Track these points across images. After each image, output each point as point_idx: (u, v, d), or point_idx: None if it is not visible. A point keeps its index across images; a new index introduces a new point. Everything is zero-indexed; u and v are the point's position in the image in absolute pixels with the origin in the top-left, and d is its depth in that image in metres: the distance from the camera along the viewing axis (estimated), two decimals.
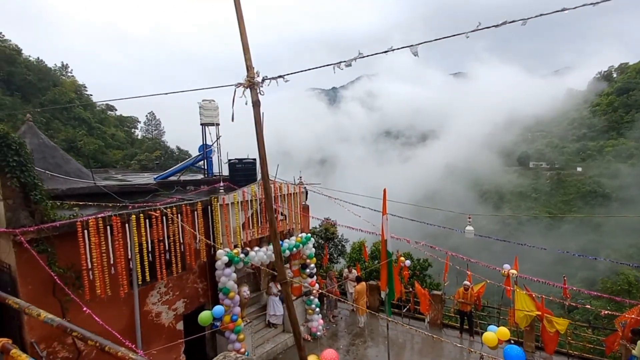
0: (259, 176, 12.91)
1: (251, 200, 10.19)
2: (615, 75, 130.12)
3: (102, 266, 7.03)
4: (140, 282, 7.85)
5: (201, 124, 13.68)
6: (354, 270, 13.27)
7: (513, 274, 10.74)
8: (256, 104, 1.28)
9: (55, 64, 53.08)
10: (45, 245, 6.23)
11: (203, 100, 13.56)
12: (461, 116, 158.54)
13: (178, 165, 14.53)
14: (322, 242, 21.22)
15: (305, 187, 12.39)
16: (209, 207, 9.47)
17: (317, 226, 23.99)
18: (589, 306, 14.22)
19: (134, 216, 7.61)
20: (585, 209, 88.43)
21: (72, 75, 55.01)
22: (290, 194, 11.57)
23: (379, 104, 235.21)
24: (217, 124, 13.65)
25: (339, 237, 32.17)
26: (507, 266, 10.91)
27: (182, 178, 13.22)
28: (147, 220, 7.88)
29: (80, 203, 8.46)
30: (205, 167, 14.53)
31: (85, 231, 6.78)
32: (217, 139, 13.25)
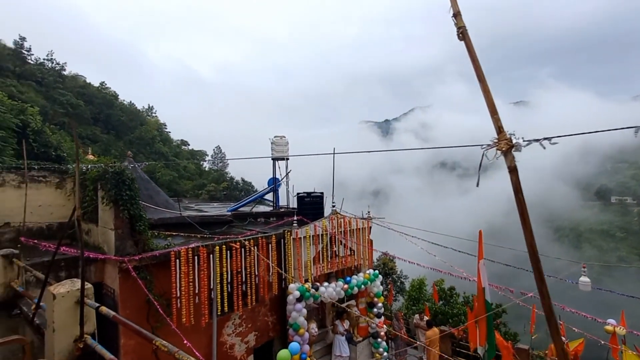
0: (326, 209, 13.06)
1: (322, 235, 10.23)
2: None
3: (189, 295, 7.41)
4: (219, 313, 8.10)
5: (272, 159, 14.39)
6: (425, 317, 12.37)
7: (620, 331, 9.21)
8: (513, 170, 1.25)
9: (142, 106, 61.05)
10: (145, 273, 6.76)
11: (275, 137, 14.35)
12: (527, 147, 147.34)
13: (248, 197, 15.28)
14: (381, 277, 20.37)
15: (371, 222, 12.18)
16: (282, 240, 9.68)
17: (375, 260, 23.21)
18: None
19: (217, 247, 8.02)
20: None
21: (156, 115, 62.60)
22: (359, 228, 11.43)
23: (433, 135, 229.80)
24: (287, 158, 14.26)
25: (398, 272, 30.75)
26: (612, 321, 9.41)
27: (253, 210, 13.81)
28: (228, 252, 8.25)
29: (170, 233, 9.17)
30: (274, 200, 15.09)
31: (177, 260, 7.27)
32: (287, 173, 13.77)
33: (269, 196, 15.57)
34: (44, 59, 48.68)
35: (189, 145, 65.05)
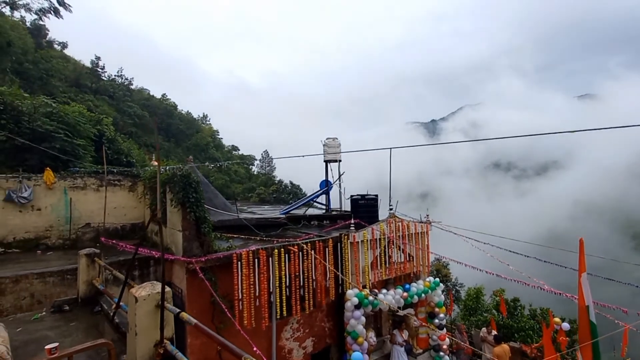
0: (381, 212, 12.61)
1: (379, 239, 9.82)
2: None
3: (250, 297, 7.43)
4: (278, 316, 8.05)
5: (324, 161, 14.27)
6: (493, 332, 11.34)
7: None
8: None
9: (198, 115, 64.94)
10: (210, 274, 6.88)
11: (327, 139, 14.22)
12: (593, 144, 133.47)
13: (300, 200, 15.29)
14: (442, 286, 19.31)
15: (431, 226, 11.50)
16: (339, 244, 9.43)
17: None
18: None
19: (276, 250, 7.98)
20: None
21: (210, 123, 66.54)
22: (417, 232, 10.84)
23: (485, 134, 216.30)
24: (340, 160, 14.05)
25: (453, 280, 29.07)
26: None
27: (306, 213, 13.76)
28: (286, 255, 8.19)
29: (229, 235, 9.35)
30: (326, 203, 14.94)
31: (239, 262, 7.32)
32: (340, 174, 13.55)
33: (321, 199, 15.46)
34: (115, 75, 53.72)
35: (239, 150, 68.02)
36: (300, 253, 8.48)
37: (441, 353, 10.55)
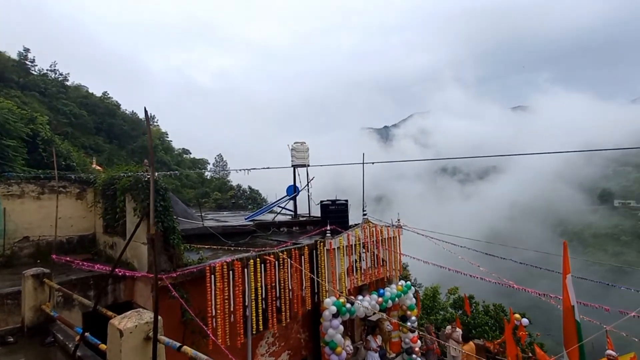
0: (351, 218, 12.53)
1: (355, 245, 9.68)
2: None
3: (224, 313, 6.84)
4: (254, 332, 7.52)
5: (292, 166, 13.90)
6: (457, 329, 11.70)
7: None
8: None
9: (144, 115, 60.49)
10: (182, 291, 6.20)
11: (295, 143, 13.87)
12: (527, 150, 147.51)
13: (267, 205, 14.73)
14: (414, 289, 19.74)
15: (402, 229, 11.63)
16: (314, 251, 9.12)
17: None
18: None
19: (252, 260, 7.47)
20: None
21: (157, 125, 62.07)
22: (390, 237, 10.89)
23: (433, 141, 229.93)
24: (308, 165, 13.76)
25: (412, 280, 30.00)
26: None
27: (275, 219, 13.26)
28: (262, 265, 7.70)
29: (195, 245, 8.60)
30: (294, 209, 14.54)
31: (212, 276, 6.71)
32: (310, 180, 13.26)
33: (289, 205, 15.03)
34: (47, 70, 48.48)
35: (190, 153, 64.56)
36: (277, 262, 8.04)
37: (414, 355, 10.65)
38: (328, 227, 9.24)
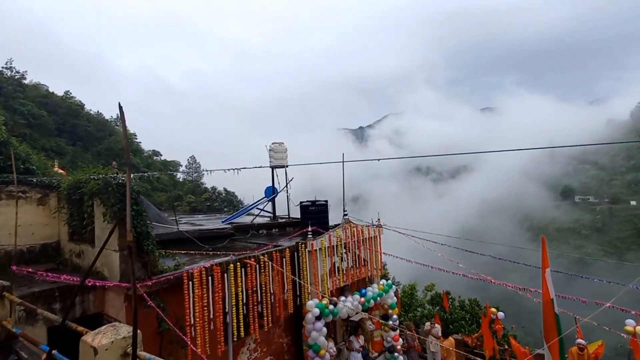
0: (331, 218, 12.47)
1: (336, 245, 9.60)
2: None
3: (204, 321, 6.55)
4: (235, 339, 7.26)
5: (271, 167, 13.66)
6: (437, 325, 11.88)
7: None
8: None
9: (111, 116, 57.76)
10: (158, 300, 5.86)
11: (273, 144, 13.64)
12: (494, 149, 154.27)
13: (245, 208, 14.39)
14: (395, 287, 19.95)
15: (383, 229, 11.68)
16: (296, 253, 8.97)
17: None
18: None
19: (232, 265, 7.21)
20: None
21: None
22: (371, 237, 10.90)
23: (407, 141, 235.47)
24: (287, 166, 13.56)
25: (390, 279, 30.41)
26: (631, 322, 9.33)
27: (254, 221, 12.97)
28: (243, 269, 7.46)
29: (171, 251, 8.23)
30: (273, 211, 14.30)
31: (190, 283, 6.41)
32: (289, 181, 13.07)
33: (267, 207, 14.76)
34: (2, 68, 45.27)
35: (161, 155, 62.27)
36: (258, 266, 7.81)
37: (395, 354, 10.71)
38: (309, 229, 9.10)
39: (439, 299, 21.14)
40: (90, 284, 5.43)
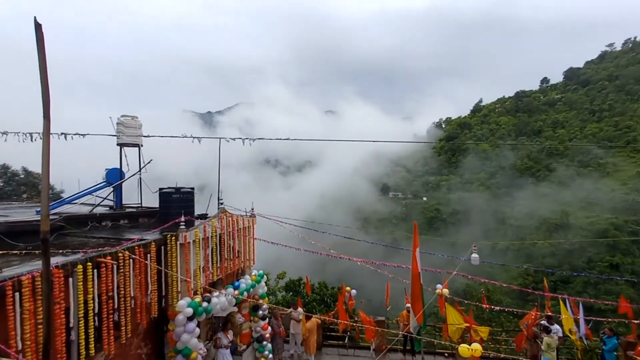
0: (197, 207, 11.31)
1: (211, 237, 8.75)
2: (444, 126, 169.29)
3: (37, 344, 4.79)
4: (82, 359, 5.63)
5: (118, 144, 11.25)
6: (299, 309, 12.41)
7: (445, 293, 12.18)
8: None
9: None
10: None
11: (123, 117, 11.25)
12: (334, 150, 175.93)
13: (77, 194, 11.32)
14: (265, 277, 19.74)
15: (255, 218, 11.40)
16: (163, 247, 7.68)
17: None
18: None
19: (80, 266, 5.55)
20: (430, 232, 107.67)
21: None
22: (245, 227, 10.47)
23: (258, 132, 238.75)
24: (141, 145, 11.45)
25: None
26: (439, 286, 12.30)
27: (94, 211, 10.38)
28: (95, 271, 5.85)
29: None
30: (115, 199, 11.84)
31: (17, 294, 4.57)
32: (146, 163, 11.07)
33: (103, 193, 12.07)
34: None
35: None
36: (115, 266, 6.28)
37: (264, 342, 10.70)
38: (182, 218, 7.95)
39: (293, 285, 22.44)
40: None
